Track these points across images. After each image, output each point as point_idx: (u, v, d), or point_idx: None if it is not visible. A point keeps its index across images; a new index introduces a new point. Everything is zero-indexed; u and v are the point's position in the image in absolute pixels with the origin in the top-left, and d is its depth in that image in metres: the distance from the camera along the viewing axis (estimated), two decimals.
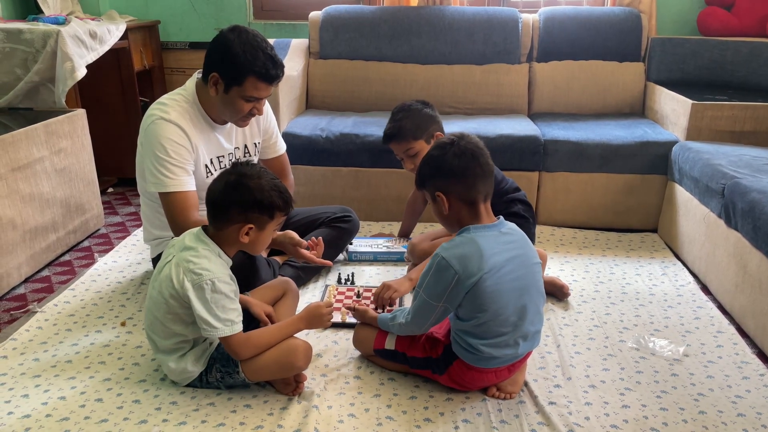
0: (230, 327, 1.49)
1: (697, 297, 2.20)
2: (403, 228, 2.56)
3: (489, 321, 1.50)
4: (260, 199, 1.50)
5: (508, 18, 3.22)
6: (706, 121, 2.63)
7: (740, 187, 2.06)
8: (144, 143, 1.91)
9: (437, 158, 1.54)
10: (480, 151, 1.53)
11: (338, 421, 1.53)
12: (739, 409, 1.59)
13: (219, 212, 1.51)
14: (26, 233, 2.25)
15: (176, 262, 1.51)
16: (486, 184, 1.53)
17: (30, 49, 2.61)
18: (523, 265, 1.54)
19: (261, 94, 1.88)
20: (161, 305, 1.53)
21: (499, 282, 1.48)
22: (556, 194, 2.79)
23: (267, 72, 1.83)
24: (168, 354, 1.59)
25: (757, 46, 3.09)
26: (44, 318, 2.00)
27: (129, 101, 3.26)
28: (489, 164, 1.54)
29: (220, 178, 1.54)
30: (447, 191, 1.53)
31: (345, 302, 2.08)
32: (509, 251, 1.51)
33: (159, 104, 1.92)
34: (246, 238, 1.52)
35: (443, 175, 1.53)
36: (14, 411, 1.54)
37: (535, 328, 1.58)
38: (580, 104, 3.22)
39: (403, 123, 2.10)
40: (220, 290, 1.47)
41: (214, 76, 1.85)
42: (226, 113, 1.94)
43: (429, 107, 2.16)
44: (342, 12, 3.29)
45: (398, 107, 2.17)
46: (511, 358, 1.56)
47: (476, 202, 1.52)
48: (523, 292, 1.53)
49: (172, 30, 3.66)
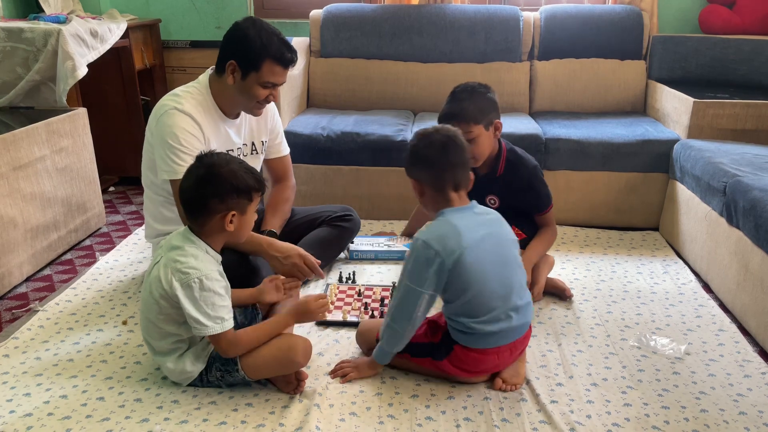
0: (220, 324, 1.48)
1: (699, 295, 2.20)
2: (408, 228, 2.54)
3: (476, 296, 1.54)
4: (236, 184, 1.50)
5: (509, 16, 3.22)
6: (707, 119, 2.63)
7: (742, 186, 2.06)
8: (155, 133, 1.91)
9: (412, 147, 1.64)
10: (451, 142, 1.60)
11: (339, 419, 1.53)
12: (740, 408, 1.59)
13: (197, 208, 1.51)
14: (27, 232, 2.25)
15: (164, 262, 1.51)
16: (456, 174, 1.59)
17: (31, 48, 2.61)
18: (500, 241, 1.62)
19: (278, 79, 1.91)
20: (153, 307, 1.53)
21: (479, 257, 1.54)
22: (558, 192, 2.76)
23: (282, 55, 1.88)
24: (165, 355, 1.59)
25: (759, 44, 3.09)
26: (46, 317, 2.00)
27: (130, 100, 3.26)
28: (459, 154, 1.60)
29: (189, 175, 1.52)
30: (419, 179, 1.63)
31: (346, 300, 2.08)
32: (485, 228, 1.59)
33: (173, 95, 1.94)
34: (231, 226, 1.52)
35: (415, 164, 1.63)
36: (16, 410, 1.55)
37: (523, 301, 1.63)
38: (581, 102, 3.22)
39: (465, 105, 1.98)
40: (209, 288, 1.47)
41: (231, 63, 1.88)
42: (242, 101, 1.96)
43: (491, 92, 2.06)
44: (343, 10, 3.29)
45: (461, 87, 2.05)
46: (507, 333, 1.59)
47: (445, 190, 1.59)
48: (504, 265, 1.60)
49: (173, 29, 3.66)
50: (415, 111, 3.23)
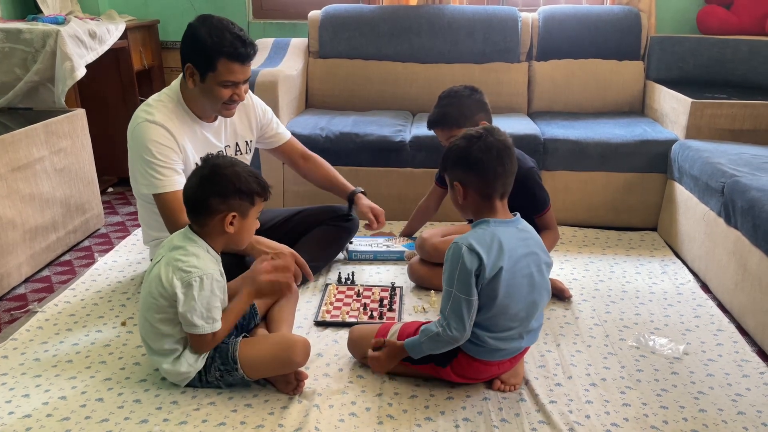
0: (211, 325, 1.50)
1: (697, 295, 2.20)
2: (407, 228, 2.54)
3: (499, 314, 1.51)
4: (239, 185, 1.51)
5: (507, 17, 3.22)
6: (705, 120, 2.63)
7: (740, 186, 2.06)
8: (132, 147, 1.92)
9: (462, 149, 1.53)
10: (506, 150, 1.52)
11: (339, 420, 1.53)
12: (739, 407, 1.59)
13: (199, 207, 1.51)
14: (26, 233, 2.25)
15: (166, 261, 1.52)
16: (505, 182, 1.54)
17: (29, 48, 2.61)
18: (535, 263, 1.56)
19: (237, 77, 1.85)
20: (151, 306, 1.53)
21: (514, 276, 1.50)
22: (556, 193, 2.78)
23: (236, 51, 1.81)
24: (163, 356, 1.58)
25: (757, 45, 3.09)
26: (45, 318, 2.00)
27: (129, 101, 3.25)
28: (512, 163, 1.53)
29: (194, 174, 1.54)
30: (465, 183, 1.54)
31: (345, 301, 2.08)
32: (525, 248, 1.54)
33: (144, 106, 1.92)
34: (231, 228, 1.53)
35: (464, 167, 1.53)
36: (15, 411, 1.54)
37: (538, 323, 1.62)
38: (579, 103, 3.22)
39: (447, 110, 2.01)
40: (208, 287, 1.49)
41: (189, 67, 1.85)
42: (208, 104, 1.93)
43: (477, 93, 2.06)
44: (341, 11, 3.29)
45: (445, 92, 2.07)
46: (514, 351, 1.59)
47: (492, 198, 1.53)
48: (533, 288, 1.55)
49: (172, 29, 3.65)
50: (413, 111, 3.23)
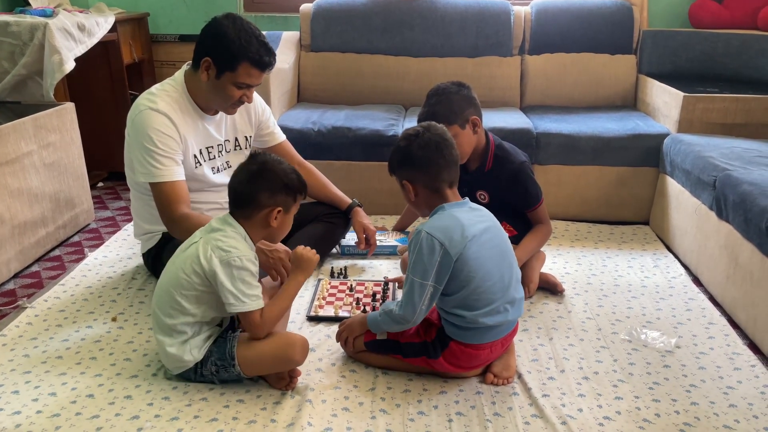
0: (256, 302, 1.53)
1: (689, 289, 2.21)
2: (399, 223, 2.55)
3: (478, 288, 1.54)
4: (286, 182, 1.57)
5: (500, 10, 3.22)
6: (697, 114, 2.64)
7: (731, 179, 2.07)
8: (131, 134, 1.90)
9: (403, 149, 1.62)
10: (445, 143, 1.59)
11: (332, 414, 1.52)
12: (730, 400, 1.60)
13: (247, 201, 1.56)
14: (15, 228, 2.23)
15: (204, 240, 1.55)
16: (450, 172, 1.60)
17: (17, 41, 2.57)
18: (498, 235, 1.63)
19: (253, 81, 1.88)
20: (180, 282, 1.54)
21: (480, 249, 1.54)
22: (549, 187, 2.77)
23: (261, 59, 1.84)
24: (170, 336, 1.57)
25: (748, 39, 3.10)
26: (34, 313, 1.98)
27: (118, 94, 3.23)
28: (453, 154, 1.60)
29: (242, 170, 1.58)
30: (413, 180, 1.61)
31: (338, 296, 2.07)
32: (483, 222, 1.60)
33: (148, 94, 1.91)
34: (275, 222, 1.58)
35: (408, 166, 1.61)
36: (4, 407, 1.53)
37: (519, 294, 1.64)
38: (572, 97, 3.22)
39: (436, 108, 1.99)
40: (247, 267, 1.52)
41: (206, 60, 1.85)
42: (216, 100, 1.93)
43: (465, 89, 2.05)
44: (333, 4, 3.27)
45: (433, 90, 2.06)
46: (502, 328, 1.60)
47: (441, 189, 1.60)
48: (503, 258, 1.60)
49: (162, 22, 3.62)
50: (406, 106, 3.22)
